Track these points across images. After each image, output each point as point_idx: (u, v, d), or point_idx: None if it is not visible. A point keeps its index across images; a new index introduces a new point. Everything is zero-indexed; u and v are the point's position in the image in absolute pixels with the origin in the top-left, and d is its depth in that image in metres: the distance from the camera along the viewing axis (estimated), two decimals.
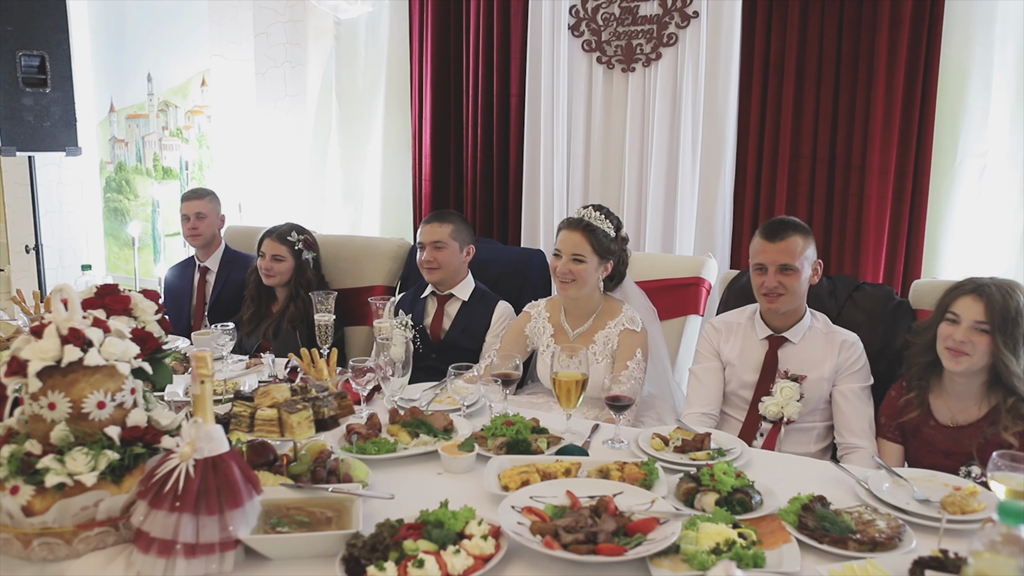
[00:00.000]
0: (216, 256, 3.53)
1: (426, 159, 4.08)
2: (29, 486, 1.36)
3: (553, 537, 1.41)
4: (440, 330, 2.90)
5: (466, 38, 3.95)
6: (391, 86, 4.25)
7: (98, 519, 1.39)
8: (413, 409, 2.00)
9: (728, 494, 1.59)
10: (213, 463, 1.35)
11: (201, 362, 1.36)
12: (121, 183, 5.50)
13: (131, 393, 1.49)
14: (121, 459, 1.41)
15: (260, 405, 1.62)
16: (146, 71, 5.28)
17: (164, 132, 5.21)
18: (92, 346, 1.42)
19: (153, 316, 1.68)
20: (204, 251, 3.54)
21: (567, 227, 2.54)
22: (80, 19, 5.34)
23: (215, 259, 3.53)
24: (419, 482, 1.74)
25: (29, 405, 1.42)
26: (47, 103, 4.51)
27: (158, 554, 1.30)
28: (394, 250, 3.37)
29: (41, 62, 4.49)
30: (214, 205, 3.51)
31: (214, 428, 1.37)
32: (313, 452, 1.66)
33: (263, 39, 4.39)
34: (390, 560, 1.31)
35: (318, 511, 1.48)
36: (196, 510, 1.32)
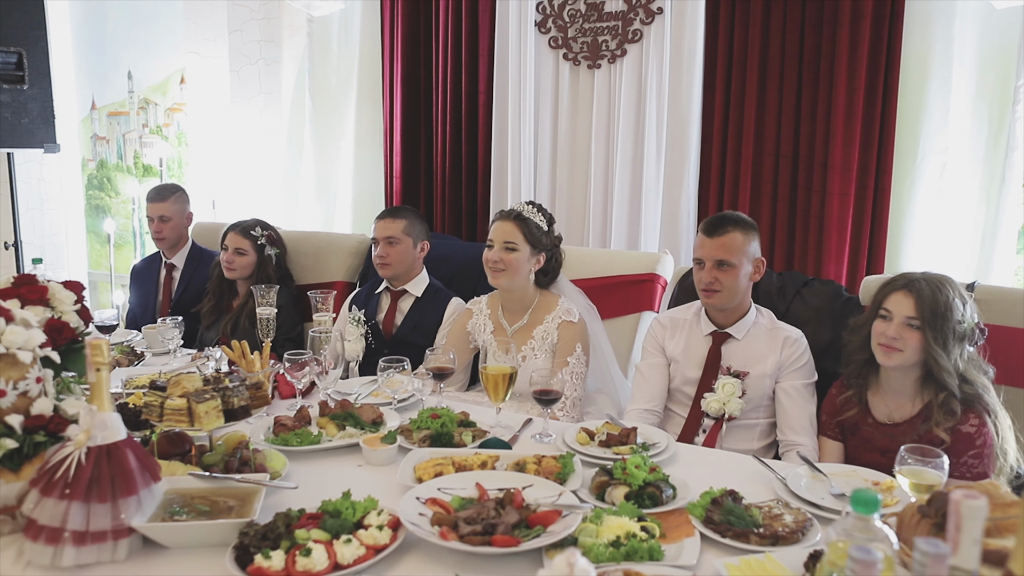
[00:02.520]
0: (182, 253, 3.53)
1: (397, 155, 4.09)
2: None
3: (452, 528, 1.41)
4: (392, 326, 2.90)
5: (435, 35, 3.96)
6: (363, 83, 4.26)
7: None
8: (343, 402, 2.00)
9: (639, 488, 1.59)
10: (108, 451, 1.35)
11: (96, 350, 1.36)
12: (103, 180, 5.52)
13: (36, 382, 1.49)
14: (20, 447, 1.41)
15: (171, 395, 1.62)
16: (127, 68, 5.30)
17: (144, 130, 5.22)
18: None
19: (71, 307, 1.68)
20: (170, 249, 3.54)
21: (500, 218, 2.57)
22: (61, 17, 5.36)
23: (181, 256, 3.53)
24: (339, 474, 1.74)
25: None
26: (25, 100, 4.53)
27: (46, 542, 1.31)
28: (354, 246, 3.38)
29: (18, 58, 4.50)
30: (179, 205, 3.49)
31: (110, 416, 1.37)
32: (231, 443, 1.66)
33: (237, 36, 4.41)
34: (280, 549, 1.31)
35: (221, 500, 1.48)
36: (87, 497, 1.32)
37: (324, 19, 4.35)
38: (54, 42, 4.68)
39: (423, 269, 2.96)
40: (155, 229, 3.45)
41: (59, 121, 4.60)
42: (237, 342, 2.10)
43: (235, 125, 4.48)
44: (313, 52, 4.40)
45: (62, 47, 5.30)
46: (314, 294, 2.33)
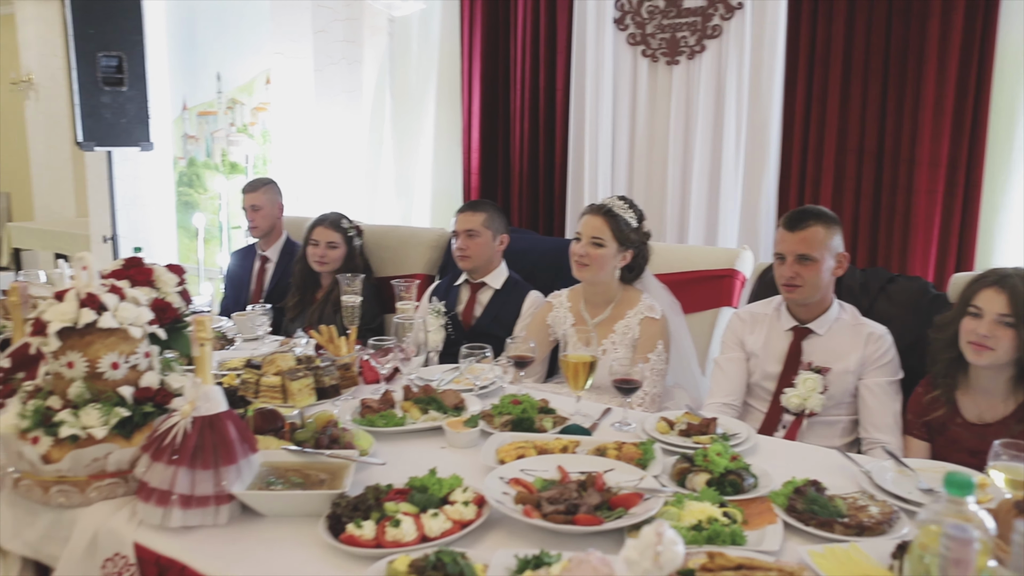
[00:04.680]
0: (277, 246, 3.66)
1: (475, 153, 4.15)
2: (48, 437, 1.46)
3: (535, 507, 1.44)
4: (471, 317, 2.95)
5: (514, 33, 4.01)
6: (442, 81, 4.34)
7: (108, 470, 1.48)
8: (426, 387, 2.06)
9: (720, 475, 1.59)
10: (210, 421, 1.43)
11: (201, 326, 1.44)
12: (192, 177, 5.75)
13: (145, 357, 1.58)
14: (131, 416, 1.50)
15: (266, 373, 1.70)
16: (215, 70, 5.52)
17: (231, 128, 5.42)
18: (107, 310, 1.52)
19: (174, 288, 1.78)
20: (264, 241, 3.67)
21: (589, 212, 2.57)
22: (157, 22, 5.60)
23: (275, 249, 3.66)
24: (422, 455, 1.78)
25: (51, 363, 1.53)
26: (123, 101, 4.76)
27: (156, 503, 1.39)
28: (434, 239, 3.45)
29: (119, 62, 4.74)
30: (269, 196, 3.63)
31: (212, 389, 1.45)
32: (320, 421, 1.73)
33: (321, 37, 4.54)
34: (370, 520, 1.36)
35: (314, 474, 1.55)
36: (192, 464, 1.39)
37: (404, 19, 4.45)
38: (150, 47, 4.91)
39: (502, 262, 3.00)
40: (248, 218, 3.60)
41: (153, 121, 4.83)
42: (325, 327, 2.18)
43: (318, 123, 4.61)
44: (394, 51, 4.51)
45: (157, 51, 5.54)
46: (398, 283, 2.39)
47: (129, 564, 1.38)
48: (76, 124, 4.77)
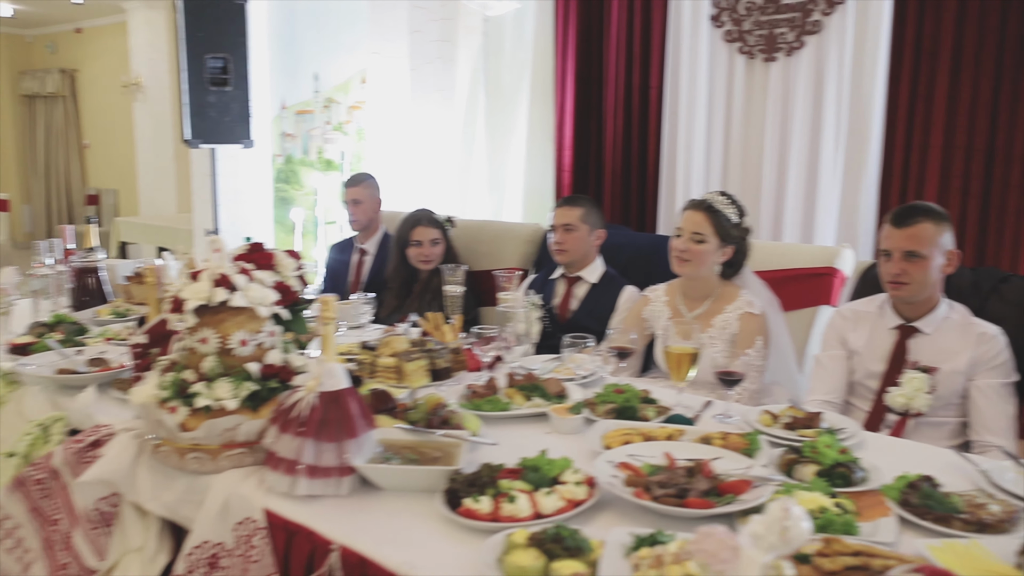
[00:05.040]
0: (375, 240, 3.77)
1: (567, 150, 4.19)
2: (185, 407, 1.56)
3: (645, 490, 1.46)
4: (567, 311, 2.98)
5: (608, 32, 4.03)
6: (536, 80, 4.39)
7: (238, 440, 1.57)
8: (529, 375, 2.10)
9: (829, 467, 1.58)
10: (334, 397, 1.50)
11: (326, 305, 1.51)
12: (289, 174, 5.96)
13: (270, 336, 1.67)
14: (259, 390, 1.59)
15: (381, 354, 1.77)
16: (313, 71, 5.70)
17: (327, 127, 5.60)
18: (238, 290, 1.61)
19: (293, 272, 1.86)
20: (363, 234, 3.78)
21: (690, 207, 2.56)
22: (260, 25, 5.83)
23: (373, 243, 3.77)
24: (527, 439, 1.82)
25: (187, 339, 1.63)
26: (227, 100, 4.97)
27: (285, 472, 1.47)
28: (529, 235, 3.49)
29: (224, 64, 4.95)
30: (369, 191, 3.74)
31: (336, 366, 1.52)
32: (430, 403, 1.79)
33: (417, 37, 4.65)
34: (486, 495, 1.41)
35: (428, 452, 1.61)
36: (318, 436, 1.47)
37: (498, 19, 4.52)
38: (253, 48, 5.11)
39: (599, 257, 3.03)
40: (349, 212, 3.72)
41: (254, 120, 5.02)
42: (432, 314, 2.25)
43: (412, 121, 4.72)
44: (488, 50, 4.58)
45: (259, 53, 5.76)
46: (500, 273, 2.44)
47: (259, 528, 1.45)
48: (184, 123, 5.00)
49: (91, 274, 2.94)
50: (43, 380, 2.07)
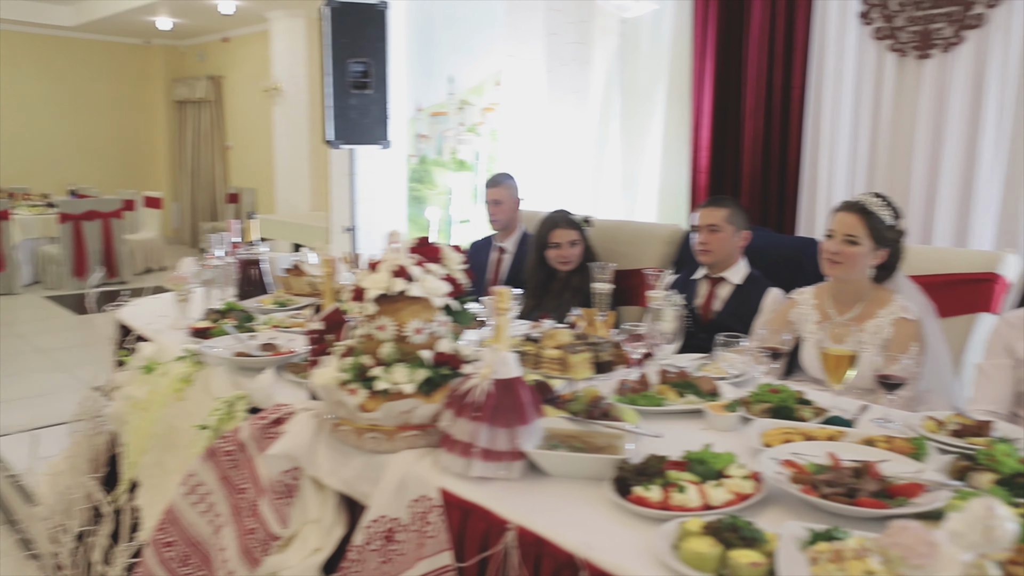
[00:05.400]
0: (514, 238, 3.87)
1: (703, 151, 4.16)
2: (364, 390, 1.67)
3: (813, 488, 1.46)
4: (710, 311, 2.98)
5: (748, 31, 3.98)
6: (672, 80, 4.38)
7: (413, 423, 1.67)
8: (681, 372, 2.12)
9: (1008, 476, 1.53)
10: (507, 384, 1.57)
11: (501, 297, 1.58)
12: (423, 174, 6.15)
13: (441, 325, 1.76)
14: (432, 376, 1.68)
15: (546, 346, 1.83)
16: (448, 74, 5.87)
17: (461, 128, 5.75)
18: (415, 281, 1.71)
19: (458, 266, 1.95)
20: (503, 233, 3.88)
21: (843, 209, 2.51)
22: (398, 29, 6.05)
23: (512, 241, 3.86)
24: (683, 433, 1.85)
25: (365, 326, 1.74)
26: (368, 103, 5.19)
27: (460, 454, 1.55)
28: (668, 235, 3.50)
29: (366, 68, 5.18)
30: (510, 191, 3.83)
31: (509, 355, 1.59)
32: (589, 395, 1.84)
33: (553, 39, 4.72)
34: (655, 484, 1.45)
35: (591, 441, 1.66)
36: (492, 421, 1.54)
37: (635, 20, 4.54)
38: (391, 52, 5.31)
39: (743, 258, 3.01)
40: (490, 212, 3.83)
41: (391, 121, 5.23)
42: (586, 310, 2.30)
43: (546, 122, 4.80)
44: (624, 52, 4.60)
45: (397, 56, 5.98)
46: (649, 272, 2.47)
47: (435, 505, 1.54)
48: (327, 124, 5.24)
49: (254, 266, 3.14)
50: (224, 361, 2.25)
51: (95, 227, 9.60)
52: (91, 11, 10.95)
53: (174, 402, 2.26)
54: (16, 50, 11.82)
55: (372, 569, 1.63)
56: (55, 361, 6.70)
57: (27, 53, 11.91)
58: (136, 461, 2.33)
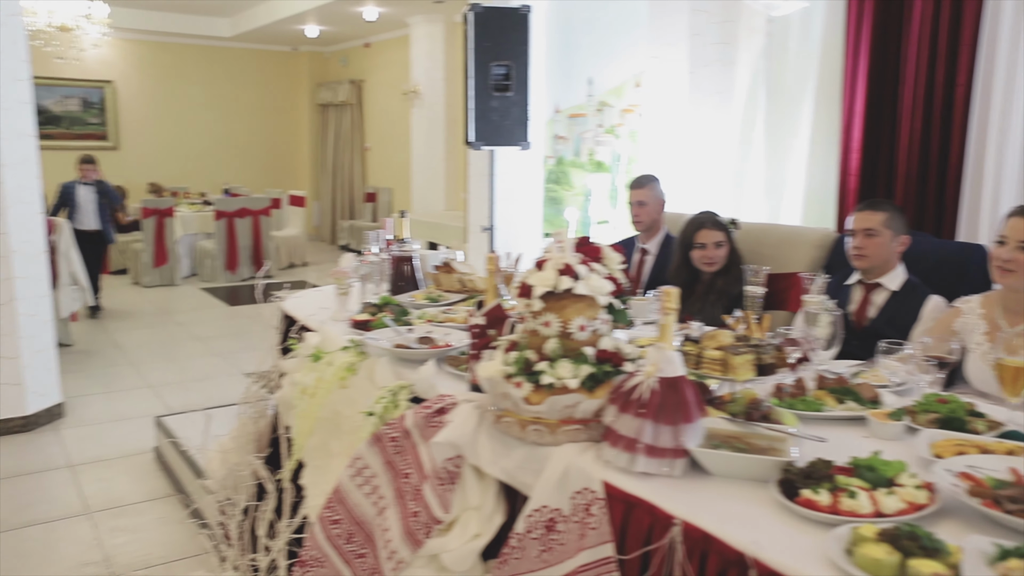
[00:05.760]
0: (657, 240, 3.87)
1: (854, 153, 4.02)
2: (529, 383, 1.73)
3: (994, 503, 1.41)
4: (864, 318, 2.89)
5: (907, 27, 3.81)
6: (821, 80, 4.26)
7: (575, 417, 1.72)
8: (840, 378, 2.08)
9: None
10: (672, 383, 1.59)
11: (668, 296, 1.61)
12: (559, 175, 6.23)
13: (603, 323, 1.80)
14: (595, 373, 1.73)
15: (707, 347, 1.84)
16: (587, 76, 5.92)
17: (599, 129, 5.79)
18: (580, 279, 1.75)
19: (618, 266, 1.99)
20: (646, 234, 3.89)
21: (1018, 214, 2.38)
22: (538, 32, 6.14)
23: (655, 243, 3.87)
24: (844, 440, 1.82)
25: (530, 322, 1.80)
26: (508, 105, 5.30)
27: (624, 449, 1.59)
28: (819, 239, 3.41)
29: (507, 71, 5.29)
30: (655, 192, 3.84)
31: (674, 354, 1.61)
32: (747, 398, 1.84)
33: (697, 40, 4.67)
34: (823, 488, 1.44)
35: (753, 443, 1.66)
36: (656, 418, 1.57)
37: (783, 18, 4.43)
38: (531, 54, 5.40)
39: (900, 264, 2.90)
40: (633, 213, 3.85)
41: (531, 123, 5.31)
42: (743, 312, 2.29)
43: (687, 124, 4.76)
44: (770, 51, 4.51)
45: (537, 59, 6.08)
46: (805, 276, 2.43)
47: (597, 498, 1.58)
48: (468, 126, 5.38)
49: (406, 262, 3.29)
50: (387, 352, 2.37)
51: (246, 224, 10.22)
52: (247, 22, 11.65)
53: (339, 389, 2.41)
54: (180, 60, 12.74)
55: (532, 556, 1.69)
56: (212, 348, 7.18)
57: (189, 63, 12.81)
58: (303, 444, 2.49)
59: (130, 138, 12.54)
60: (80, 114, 12.25)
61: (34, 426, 5.06)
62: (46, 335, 5.17)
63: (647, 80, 5.18)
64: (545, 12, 6.13)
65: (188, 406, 5.36)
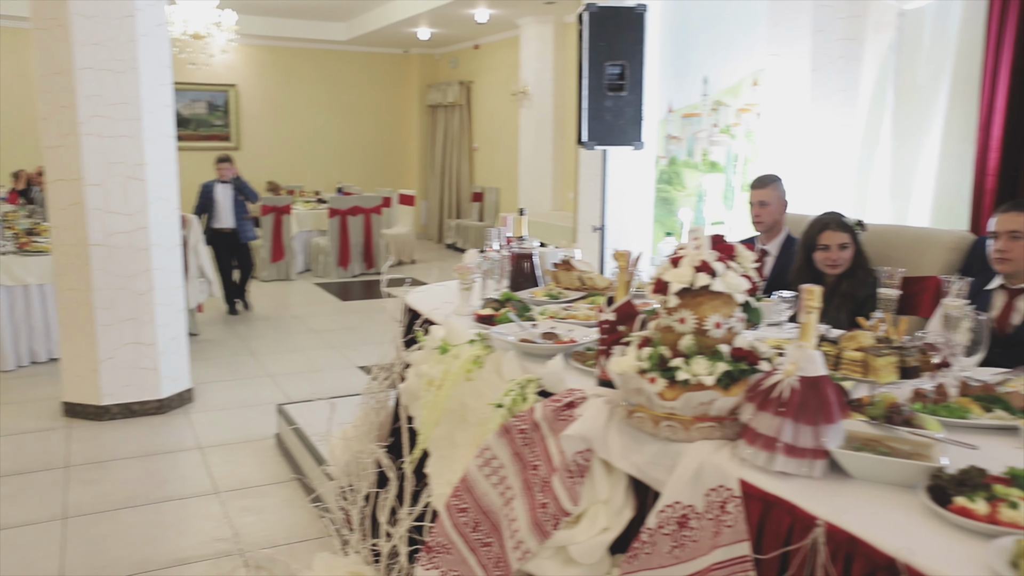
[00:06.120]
0: (777, 241, 3.79)
1: (993, 152, 3.83)
2: (663, 379, 1.74)
3: None
4: (1007, 325, 2.75)
5: None
6: (957, 75, 4.07)
7: (710, 414, 1.71)
8: (985, 385, 1.99)
9: None
10: (813, 382, 1.57)
11: (810, 295, 1.58)
12: (671, 175, 6.16)
13: (738, 321, 1.79)
14: (731, 370, 1.71)
15: (846, 348, 1.80)
16: (702, 74, 5.83)
17: (714, 129, 5.69)
18: (717, 276, 1.75)
19: (752, 264, 1.96)
20: (766, 235, 3.82)
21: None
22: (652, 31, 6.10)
23: (775, 244, 3.79)
24: (996, 450, 1.74)
25: (664, 318, 1.81)
26: (622, 105, 5.29)
27: (762, 447, 1.57)
28: (954, 242, 3.26)
29: (622, 70, 5.27)
30: (777, 193, 3.76)
31: (816, 353, 1.59)
32: (886, 401, 1.79)
33: (821, 36, 4.54)
34: (979, 497, 1.38)
35: (896, 447, 1.61)
36: (796, 417, 1.55)
37: (916, 12, 4.26)
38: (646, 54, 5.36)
39: None
40: (754, 213, 3.78)
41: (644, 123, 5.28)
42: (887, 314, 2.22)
43: (808, 123, 4.63)
44: (901, 47, 4.34)
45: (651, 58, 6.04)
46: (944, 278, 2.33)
47: (733, 496, 1.57)
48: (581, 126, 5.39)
49: (526, 259, 3.33)
50: (513, 346, 2.41)
51: (358, 221, 10.53)
52: (362, 26, 12.02)
53: (465, 381, 2.46)
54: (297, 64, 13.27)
55: (663, 552, 1.69)
56: (326, 341, 7.45)
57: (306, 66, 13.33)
58: (428, 433, 2.56)
59: (250, 139, 13.14)
60: (206, 116, 12.92)
61: (167, 409, 5.38)
62: (179, 324, 5.48)
63: (766, 78, 5.07)
64: (660, 11, 6.08)
65: (305, 395, 5.58)
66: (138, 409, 5.28)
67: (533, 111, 10.49)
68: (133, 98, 4.94)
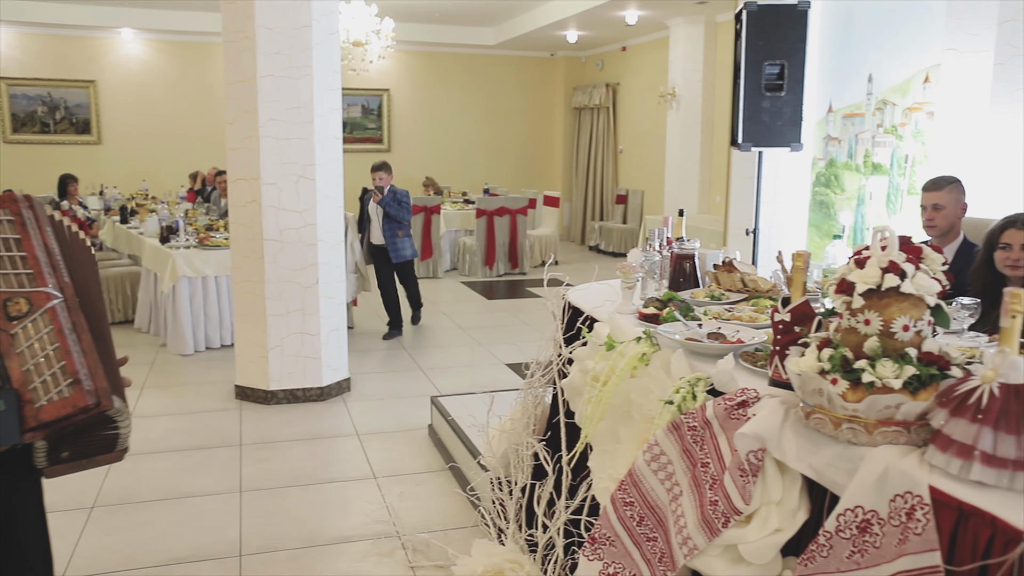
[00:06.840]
0: (952, 247, 3.60)
1: None
2: (845, 381, 1.71)
3: None
4: None
5: None
6: None
7: (895, 419, 1.66)
8: None
9: None
10: (1016, 390, 1.50)
11: (1016, 299, 1.52)
12: (830, 178, 5.95)
13: (928, 324, 1.73)
14: (919, 375, 1.66)
15: None
16: (867, 72, 5.59)
17: (878, 129, 5.45)
18: (906, 277, 1.70)
19: (939, 267, 1.89)
20: (940, 240, 3.63)
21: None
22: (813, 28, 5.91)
23: (951, 249, 3.60)
24: None
25: (847, 319, 1.77)
26: (780, 105, 5.16)
27: (956, 454, 1.51)
28: None
29: (780, 69, 5.15)
30: (954, 195, 3.57)
31: (1019, 359, 1.52)
32: None
33: (1007, 27, 4.26)
34: None
35: None
36: (996, 426, 1.48)
37: None
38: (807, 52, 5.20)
39: None
40: (926, 217, 3.60)
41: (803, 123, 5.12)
42: None
43: (990, 121, 4.35)
44: None
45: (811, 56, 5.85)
46: None
47: (923, 503, 1.52)
48: (736, 127, 5.29)
49: (687, 260, 3.32)
50: (681, 345, 2.42)
51: (504, 222, 10.74)
52: (511, 30, 12.26)
53: (630, 378, 2.49)
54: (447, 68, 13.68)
55: (842, 557, 1.66)
56: (473, 338, 7.65)
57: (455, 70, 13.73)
58: (591, 428, 2.60)
59: (401, 141, 13.66)
60: (360, 120, 13.54)
61: (327, 396, 5.70)
62: (339, 316, 5.80)
63: (940, 75, 4.80)
64: (822, 8, 5.89)
65: (454, 389, 5.77)
66: (301, 395, 5.62)
67: (681, 113, 10.36)
68: (307, 103, 5.27)
